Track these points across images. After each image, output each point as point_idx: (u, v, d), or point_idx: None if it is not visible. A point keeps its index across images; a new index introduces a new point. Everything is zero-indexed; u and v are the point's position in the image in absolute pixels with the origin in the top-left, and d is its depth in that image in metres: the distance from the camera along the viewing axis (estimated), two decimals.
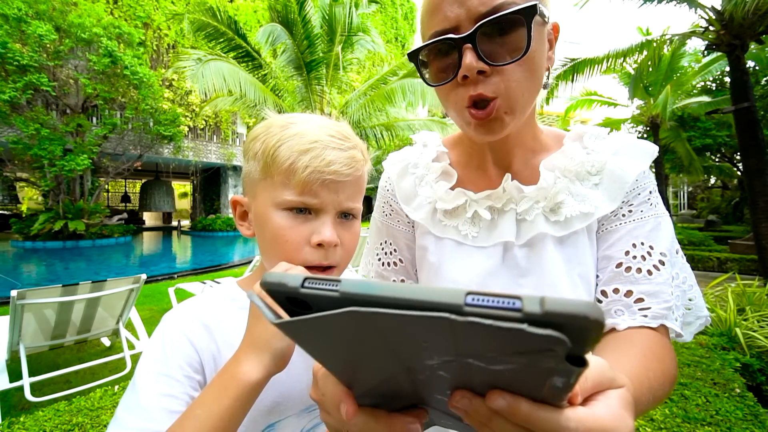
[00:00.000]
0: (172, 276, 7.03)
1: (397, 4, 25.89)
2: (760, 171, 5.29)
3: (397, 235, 0.72)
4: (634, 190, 0.57)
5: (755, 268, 6.35)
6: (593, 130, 0.63)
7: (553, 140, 0.65)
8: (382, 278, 0.71)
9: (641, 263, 0.54)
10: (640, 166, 0.57)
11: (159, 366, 0.47)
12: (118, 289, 2.76)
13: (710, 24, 5.54)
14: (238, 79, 7.73)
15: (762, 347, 2.32)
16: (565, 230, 0.57)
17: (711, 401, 1.70)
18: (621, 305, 0.54)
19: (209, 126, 16.31)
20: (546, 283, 0.56)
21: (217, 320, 0.53)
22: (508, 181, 0.60)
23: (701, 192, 20.95)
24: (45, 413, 1.39)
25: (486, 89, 0.50)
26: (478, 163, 0.66)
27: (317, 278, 0.22)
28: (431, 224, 0.66)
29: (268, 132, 0.52)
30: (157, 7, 14.40)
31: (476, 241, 0.62)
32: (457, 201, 0.64)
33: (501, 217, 0.62)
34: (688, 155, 12.50)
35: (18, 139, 9.70)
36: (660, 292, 0.52)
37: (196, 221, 17.24)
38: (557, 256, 0.57)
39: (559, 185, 0.58)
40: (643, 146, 0.59)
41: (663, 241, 0.55)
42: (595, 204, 0.57)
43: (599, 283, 0.57)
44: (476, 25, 0.47)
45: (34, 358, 2.97)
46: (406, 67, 9.31)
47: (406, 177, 0.71)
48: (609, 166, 0.58)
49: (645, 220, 0.56)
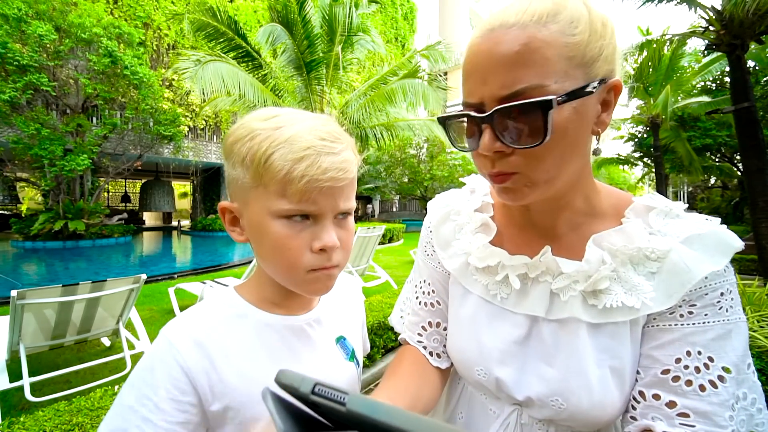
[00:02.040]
0: (172, 276, 7.02)
1: (397, 4, 25.88)
2: (760, 171, 5.28)
3: (436, 277, 0.71)
4: (700, 289, 0.47)
5: (755, 268, 6.34)
6: (664, 206, 0.53)
7: (612, 207, 0.57)
8: (418, 316, 0.71)
9: (693, 375, 0.45)
10: (713, 264, 0.47)
11: (145, 388, 0.47)
12: (118, 289, 2.76)
13: (710, 24, 5.54)
14: (238, 80, 7.72)
15: (762, 347, 2.32)
16: (603, 318, 0.51)
17: None
18: (660, 414, 0.47)
19: (209, 126, 16.32)
20: (573, 371, 0.51)
21: (208, 334, 0.52)
22: (547, 254, 0.55)
23: (701, 192, 20.94)
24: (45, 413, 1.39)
25: (504, 167, 0.48)
26: (519, 220, 0.62)
27: (326, 387, 0.24)
28: (462, 276, 0.64)
29: (254, 135, 0.49)
30: (157, 7, 14.39)
31: (505, 303, 0.59)
32: (490, 261, 0.60)
33: (534, 286, 0.57)
34: (688, 155, 12.50)
35: (18, 139, 9.70)
36: (713, 413, 0.44)
37: (196, 221, 17.24)
38: (589, 342, 0.51)
39: (604, 270, 0.51)
40: (723, 238, 0.48)
41: (729, 354, 0.46)
42: (644, 298, 0.49)
43: (639, 382, 0.50)
44: (496, 107, 0.45)
45: (34, 358, 2.97)
46: (406, 67, 9.32)
47: (446, 223, 0.70)
48: (673, 256, 0.49)
49: (709, 326, 0.47)
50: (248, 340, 0.54)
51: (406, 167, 19.14)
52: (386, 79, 9.53)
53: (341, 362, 0.63)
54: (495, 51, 0.45)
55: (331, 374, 0.61)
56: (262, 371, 0.53)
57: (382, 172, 19.59)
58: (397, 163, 19.30)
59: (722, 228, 0.50)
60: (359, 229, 5.34)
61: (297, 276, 0.52)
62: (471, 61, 0.48)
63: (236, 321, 0.54)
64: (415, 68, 9.20)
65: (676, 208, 0.53)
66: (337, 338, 0.65)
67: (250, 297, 0.58)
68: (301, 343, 0.58)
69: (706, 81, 11.92)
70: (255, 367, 0.53)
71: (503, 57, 0.44)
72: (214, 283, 4.48)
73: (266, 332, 0.56)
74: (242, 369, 0.52)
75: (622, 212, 0.56)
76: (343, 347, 0.65)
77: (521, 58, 0.43)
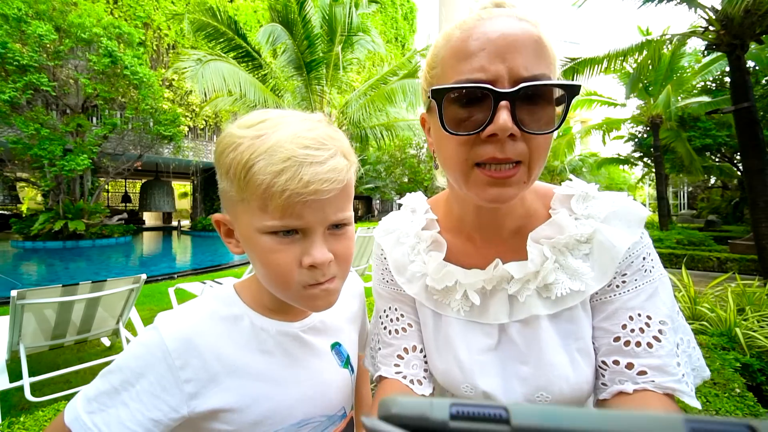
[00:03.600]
0: (172, 276, 7.03)
1: (397, 4, 25.89)
2: (760, 171, 5.29)
3: (403, 299, 0.68)
4: (626, 259, 0.53)
5: (755, 268, 6.35)
6: (580, 190, 0.59)
7: (540, 202, 0.61)
8: (391, 347, 0.66)
9: (639, 336, 0.50)
10: (630, 237, 0.53)
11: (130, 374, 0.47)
12: (118, 289, 2.76)
13: (710, 24, 5.54)
14: (238, 80, 7.74)
15: (762, 347, 2.32)
16: (558, 307, 0.55)
17: (711, 401, 1.70)
18: (624, 376, 0.51)
19: (209, 126, 16.32)
20: (545, 362, 0.54)
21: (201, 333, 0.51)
22: (499, 266, 0.58)
23: (701, 192, 20.95)
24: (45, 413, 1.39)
25: (514, 153, 0.46)
26: (466, 233, 0.64)
27: (469, 404, 0.17)
28: (425, 299, 0.64)
29: (237, 145, 0.46)
30: (157, 7, 14.40)
31: (470, 315, 0.61)
32: (447, 281, 0.61)
33: (492, 296, 0.59)
34: (688, 155, 12.50)
35: (18, 139, 9.71)
36: (664, 365, 0.49)
37: (196, 221, 17.24)
38: (552, 333, 0.55)
39: (548, 265, 0.55)
40: (633, 211, 0.55)
41: (662, 308, 0.52)
42: (586, 280, 0.54)
43: (598, 353, 0.54)
44: (518, 86, 0.43)
45: (34, 358, 2.97)
46: (406, 67, 9.32)
47: (397, 247, 0.69)
48: (598, 236, 0.55)
49: (640, 289, 0.52)
50: (242, 342, 0.53)
51: (406, 167, 19.16)
52: (386, 79, 9.54)
53: (335, 369, 0.62)
54: (516, 32, 0.45)
55: (324, 381, 0.60)
56: (257, 373, 0.53)
57: (382, 172, 19.60)
58: (397, 163, 19.31)
59: (630, 201, 0.56)
60: (359, 229, 5.34)
61: (292, 293, 0.50)
62: (480, 38, 0.46)
63: (231, 322, 0.54)
64: (415, 68, 9.21)
65: (591, 190, 0.59)
66: (332, 344, 0.64)
67: (248, 299, 0.57)
68: (296, 348, 0.58)
69: (706, 81, 11.92)
70: (249, 370, 0.52)
71: (526, 39, 0.45)
72: (214, 283, 4.48)
73: (261, 336, 0.55)
74: (235, 371, 0.51)
75: (547, 204, 0.61)
76: (338, 354, 0.64)
77: (539, 47, 0.46)
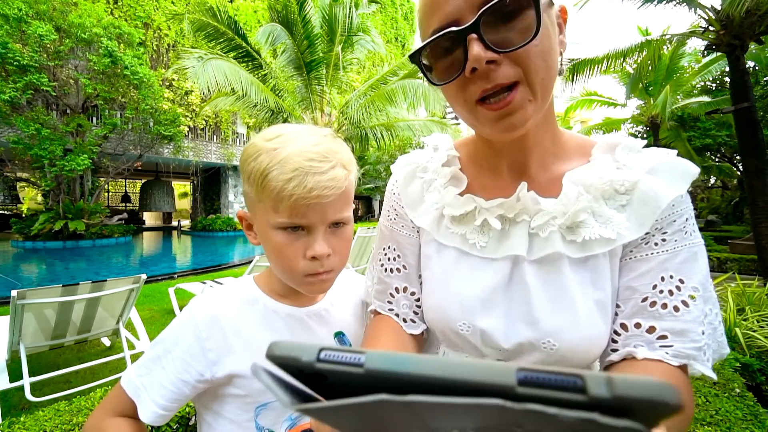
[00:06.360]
0: (172, 276, 7.03)
1: (397, 4, 25.90)
2: (760, 171, 5.28)
3: (402, 241, 0.68)
4: (669, 216, 0.50)
5: (755, 268, 6.35)
6: (627, 142, 0.56)
7: (578, 148, 0.59)
8: (385, 284, 0.68)
9: (667, 298, 0.49)
10: (677, 189, 0.50)
11: (169, 344, 0.60)
12: (118, 289, 2.76)
13: (710, 24, 5.54)
14: (239, 78, 7.73)
15: (762, 347, 2.32)
16: (583, 252, 0.52)
17: (711, 401, 1.70)
18: (641, 340, 0.49)
19: (209, 126, 16.31)
20: (560, 307, 0.52)
21: (225, 312, 0.61)
22: (524, 191, 0.55)
23: (701, 192, 20.95)
24: (45, 413, 1.39)
25: (501, 78, 0.45)
26: (491, 167, 0.61)
27: (335, 349, 0.20)
28: (436, 231, 0.63)
29: (258, 156, 0.56)
30: (157, 7, 14.39)
31: (484, 251, 0.58)
32: (466, 207, 0.59)
33: (513, 228, 0.57)
34: (688, 155, 12.50)
35: (18, 139, 9.71)
36: (687, 330, 0.47)
37: (197, 221, 17.24)
38: (573, 277, 0.52)
39: (581, 203, 0.52)
40: (684, 166, 0.52)
41: (696, 275, 0.49)
42: (618, 229, 0.51)
43: (620, 315, 0.52)
44: (479, 12, 0.43)
45: (34, 358, 2.97)
46: (406, 67, 9.31)
47: (413, 181, 0.68)
48: (641, 185, 0.51)
49: (678, 251, 0.50)
50: (256, 321, 0.63)
51: None
52: (386, 79, 9.53)
53: None
54: None
55: None
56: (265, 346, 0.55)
57: (382, 172, 19.60)
58: None
59: (681, 158, 0.53)
60: (359, 229, 5.34)
61: (295, 279, 0.60)
62: None
63: (249, 304, 0.65)
64: (415, 68, 9.15)
65: (638, 144, 0.56)
66: (336, 333, 0.69)
67: (263, 286, 0.68)
68: (301, 330, 0.66)
69: (706, 81, 11.93)
70: (260, 343, 0.61)
71: None
72: (214, 283, 4.48)
73: (272, 317, 0.64)
74: (249, 344, 0.61)
75: (588, 152, 0.58)
76: (341, 342, 0.68)
77: None
